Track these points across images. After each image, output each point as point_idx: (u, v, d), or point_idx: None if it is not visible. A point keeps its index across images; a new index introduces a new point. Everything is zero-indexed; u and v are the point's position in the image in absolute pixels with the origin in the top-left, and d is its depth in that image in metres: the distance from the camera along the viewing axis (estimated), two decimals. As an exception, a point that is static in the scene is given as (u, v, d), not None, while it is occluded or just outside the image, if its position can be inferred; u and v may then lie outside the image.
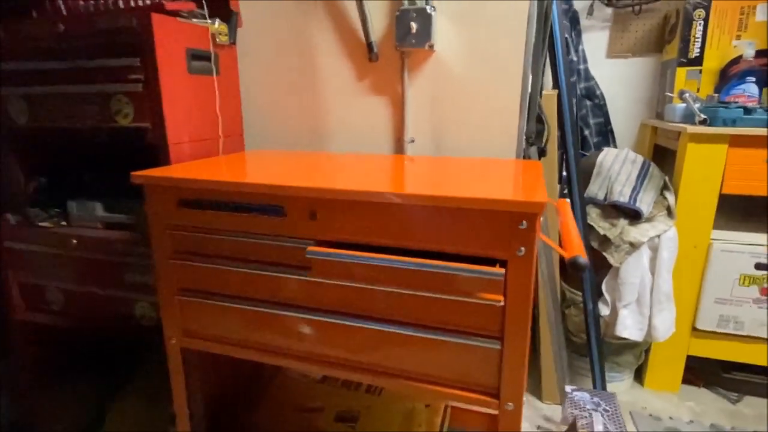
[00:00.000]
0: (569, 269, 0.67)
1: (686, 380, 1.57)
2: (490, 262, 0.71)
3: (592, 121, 1.87)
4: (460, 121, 1.16)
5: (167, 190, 0.87)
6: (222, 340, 0.91)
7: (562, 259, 1.44)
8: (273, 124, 1.31)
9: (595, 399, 1.11)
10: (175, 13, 1.04)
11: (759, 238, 1.38)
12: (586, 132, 1.87)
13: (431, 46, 1.11)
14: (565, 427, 1.18)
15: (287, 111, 1.30)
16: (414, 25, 1.08)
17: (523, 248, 0.68)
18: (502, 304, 0.71)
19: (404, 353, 0.79)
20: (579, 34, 1.83)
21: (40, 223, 1.18)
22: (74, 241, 1.14)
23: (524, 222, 0.67)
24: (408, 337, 0.78)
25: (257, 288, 0.85)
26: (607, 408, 1.09)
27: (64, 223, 1.18)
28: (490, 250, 0.71)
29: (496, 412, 0.76)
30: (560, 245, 0.72)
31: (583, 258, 0.66)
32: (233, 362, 1.18)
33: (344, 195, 0.75)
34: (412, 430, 1.05)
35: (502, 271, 0.69)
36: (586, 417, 1.06)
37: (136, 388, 1.26)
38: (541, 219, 0.71)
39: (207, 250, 0.88)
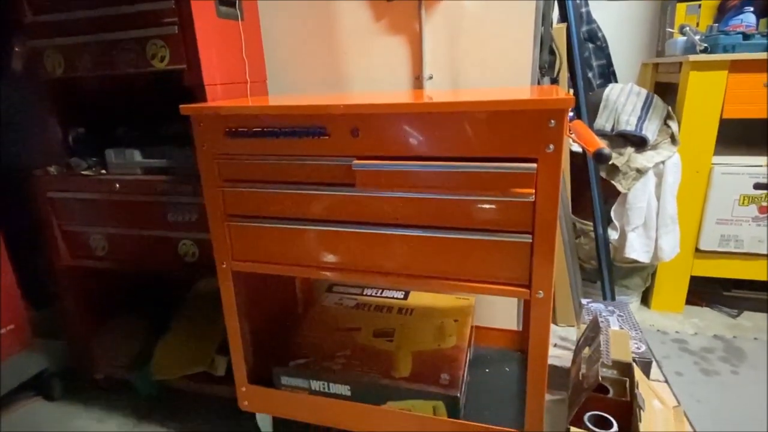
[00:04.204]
0: (595, 160, 0.75)
1: (689, 302, 1.68)
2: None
3: (594, 63, 1.92)
4: (477, 55, 1.22)
5: (215, 120, 0.93)
6: (272, 260, 0.99)
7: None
8: (294, 70, 1.37)
9: (610, 307, 1.21)
10: (201, -43, 1.08)
11: (757, 160, 1.46)
12: (590, 74, 1.93)
13: (447, -19, 1.16)
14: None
15: (307, 56, 1.35)
16: (430, -39, 1.13)
17: (552, 145, 0.76)
18: (533, 198, 0.79)
19: (446, 256, 0.87)
20: (580, -23, 1.86)
21: (82, 172, 1.24)
22: (117, 185, 1.20)
23: (552, 120, 0.75)
24: (449, 240, 0.85)
25: (304, 207, 0.93)
26: (621, 314, 1.19)
27: (103, 171, 1.25)
28: (521, 150, 0.78)
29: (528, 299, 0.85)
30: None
31: (606, 149, 0.74)
32: (274, 290, 1.28)
33: (385, 109, 0.82)
34: (444, 339, 1.15)
35: (534, 165, 0.76)
36: (603, 321, 1.16)
37: (180, 322, 1.34)
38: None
39: (254, 176, 0.95)
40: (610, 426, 0.88)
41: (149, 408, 1.33)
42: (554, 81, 1.31)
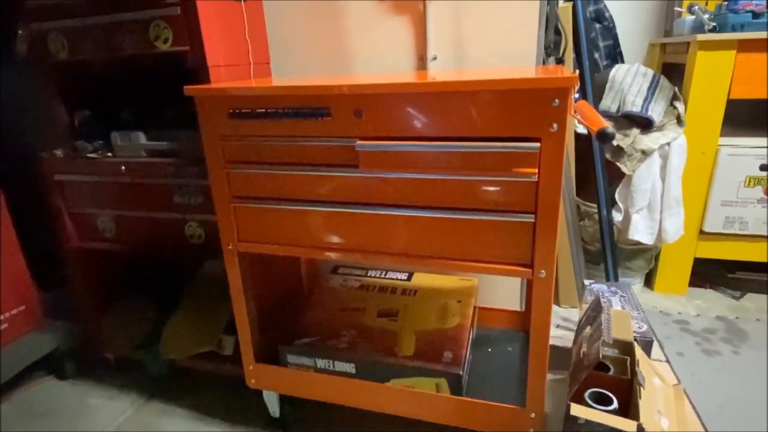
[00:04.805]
0: (599, 140, 0.75)
1: (693, 283, 1.69)
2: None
3: (601, 44, 1.90)
4: (481, 35, 1.21)
5: (218, 101, 0.93)
6: (277, 241, 1.00)
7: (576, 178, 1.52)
8: (297, 51, 1.36)
9: (612, 288, 1.22)
10: (203, -63, 1.07)
11: (764, 141, 1.45)
12: (596, 55, 1.90)
13: (451, -40, 1.14)
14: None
15: (310, 37, 1.34)
16: (434, -62, 1.11)
17: (555, 124, 0.76)
18: (536, 178, 0.79)
19: (449, 236, 0.87)
20: (587, -45, 1.83)
21: (88, 155, 1.25)
22: (123, 168, 1.21)
23: (557, 100, 0.74)
24: (452, 220, 0.86)
25: (308, 188, 0.93)
26: (624, 294, 1.20)
27: (109, 153, 1.25)
28: (524, 130, 0.78)
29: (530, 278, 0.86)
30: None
31: (610, 128, 0.74)
32: (280, 272, 1.29)
33: (387, 89, 0.82)
34: (448, 319, 1.16)
35: (538, 144, 0.76)
36: (605, 301, 1.17)
37: (189, 303, 1.37)
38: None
39: (258, 157, 0.95)
40: (611, 402, 0.90)
41: (159, 386, 1.36)
42: (559, 61, 1.30)
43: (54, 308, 1.44)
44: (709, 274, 1.71)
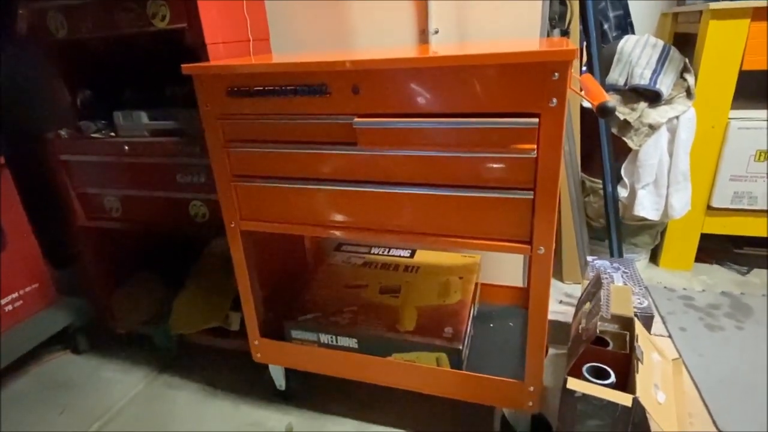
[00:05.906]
0: (598, 114, 0.74)
1: (699, 259, 1.68)
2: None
3: (611, 14, 1.84)
4: (484, 7, 1.18)
5: (216, 79, 0.93)
6: (278, 219, 1.01)
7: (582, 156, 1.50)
8: (297, 27, 1.34)
9: (615, 264, 1.22)
10: None
11: (776, 114, 1.42)
12: (606, 26, 1.85)
13: (453, -72, 1.11)
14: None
15: (310, 12, 1.32)
16: None
17: (555, 99, 0.74)
18: (535, 154, 0.78)
19: (448, 213, 0.87)
20: None
21: (92, 135, 1.26)
22: (126, 148, 1.22)
23: (556, 73, 0.73)
24: (451, 197, 0.86)
25: (308, 166, 0.93)
26: (626, 270, 1.20)
27: (112, 133, 1.26)
28: (523, 105, 0.77)
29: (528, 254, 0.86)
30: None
31: (610, 102, 0.73)
32: (284, 249, 1.31)
33: (386, 64, 0.80)
34: (449, 295, 1.17)
35: (536, 120, 0.75)
36: (606, 277, 1.17)
37: (196, 280, 1.39)
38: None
39: (257, 136, 0.95)
40: (608, 377, 0.91)
41: (169, 360, 1.40)
42: (564, 33, 1.27)
43: (66, 286, 1.48)
44: (715, 249, 1.69)
